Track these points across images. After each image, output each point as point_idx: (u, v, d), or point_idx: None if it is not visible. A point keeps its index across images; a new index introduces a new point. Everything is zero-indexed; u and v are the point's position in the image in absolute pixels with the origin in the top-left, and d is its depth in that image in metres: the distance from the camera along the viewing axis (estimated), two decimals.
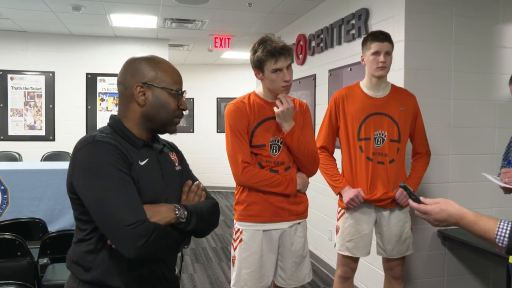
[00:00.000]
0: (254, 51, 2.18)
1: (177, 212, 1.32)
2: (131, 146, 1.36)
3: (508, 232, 1.25)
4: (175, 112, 1.42)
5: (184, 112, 1.45)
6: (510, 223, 1.26)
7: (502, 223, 1.27)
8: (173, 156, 1.52)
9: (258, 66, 2.19)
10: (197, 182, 1.52)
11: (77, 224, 1.37)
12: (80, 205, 1.31)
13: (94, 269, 1.32)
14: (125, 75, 1.41)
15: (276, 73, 2.15)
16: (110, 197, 1.23)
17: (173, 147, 1.57)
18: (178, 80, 1.43)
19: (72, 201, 1.34)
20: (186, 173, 1.54)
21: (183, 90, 1.45)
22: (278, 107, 2.17)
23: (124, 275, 1.33)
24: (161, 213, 1.30)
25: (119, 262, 1.31)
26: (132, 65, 1.41)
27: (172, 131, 1.45)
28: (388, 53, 2.53)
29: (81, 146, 1.30)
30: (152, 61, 1.41)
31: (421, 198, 1.42)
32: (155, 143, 1.46)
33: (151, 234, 1.22)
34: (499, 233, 1.26)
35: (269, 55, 2.12)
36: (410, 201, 1.45)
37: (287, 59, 2.14)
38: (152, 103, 1.38)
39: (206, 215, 1.42)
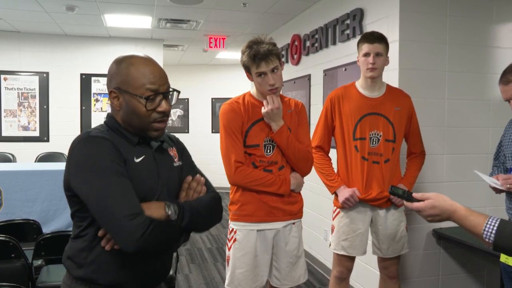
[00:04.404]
0: (242, 54, 2.20)
1: (167, 209, 1.28)
2: (127, 143, 1.34)
3: (495, 228, 1.27)
4: (149, 117, 1.33)
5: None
6: (498, 220, 1.29)
7: (490, 220, 1.30)
8: (173, 152, 1.48)
9: (246, 69, 2.22)
10: (197, 176, 1.46)
11: (74, 221, 1.36)
12: (77, 202, 1.30)
13: (87, 267, 1.31)
14: (107, 78, 1.40)
15: (261, 77, 2.16)
16: (106, 189, 1.21)
17: (173, 141, 1.53)
18: (154, 81, 1.33)
19: (69, 198, 1.33)
20: (187, 167, 1.50)
21: (168, 90, 1.37)
22: (265, 108, 2.18)
23: (117, 273, 1.31)
24: (150, 210, 1.25)
25: (112, 260, 1.29)
26: (110, 68, 1.38)
27: (155, 136, 1.37)
28: (379, 55, 2.53)
29: (75, 143, 1.30)
30: (124, 63, 1.35)
31: (414, 195, 1.45)
32: (152, 140, 1.40)
33: (148, 226, 1.19)
34: (486, 228, 1.29)
35: (251, 60, 2.14)
36: (404, 201, 1.48)
37: (269, 63, 2.13)
38: (124, 108, 1.34)
39: (202, 211, 1.37)
